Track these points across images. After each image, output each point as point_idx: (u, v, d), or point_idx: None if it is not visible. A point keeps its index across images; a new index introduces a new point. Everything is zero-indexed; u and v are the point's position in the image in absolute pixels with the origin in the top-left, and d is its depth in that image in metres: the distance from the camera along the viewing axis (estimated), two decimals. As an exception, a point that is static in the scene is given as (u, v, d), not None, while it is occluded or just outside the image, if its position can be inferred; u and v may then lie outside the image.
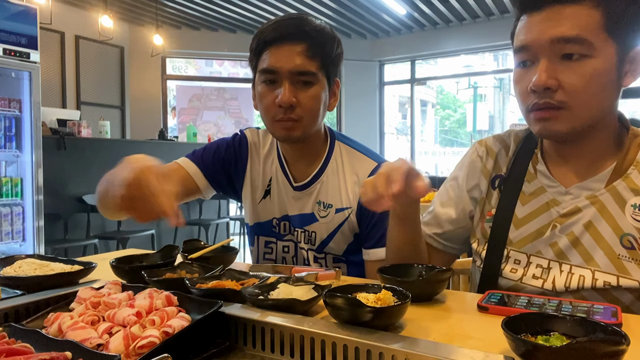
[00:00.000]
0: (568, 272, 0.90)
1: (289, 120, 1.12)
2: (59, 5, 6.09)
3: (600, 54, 0.81)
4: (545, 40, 0.83)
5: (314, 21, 1.14)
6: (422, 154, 9.14)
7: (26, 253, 2.40)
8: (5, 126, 3.79)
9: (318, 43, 1.12)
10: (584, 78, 0.81)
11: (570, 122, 0.84)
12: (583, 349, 0.51)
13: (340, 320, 0.67)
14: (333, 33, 1.18)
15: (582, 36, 0.80)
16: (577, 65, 0.82)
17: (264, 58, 1.13)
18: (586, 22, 0.81)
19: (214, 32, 7.63)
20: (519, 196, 0.98)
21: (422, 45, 7.62)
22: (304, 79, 1.11)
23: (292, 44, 1.10)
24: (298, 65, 1.10)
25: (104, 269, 1.00)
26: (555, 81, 0.82)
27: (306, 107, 1.12)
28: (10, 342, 0.59)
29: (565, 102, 0.83)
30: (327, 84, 1.16)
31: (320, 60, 1.12)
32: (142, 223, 0.82)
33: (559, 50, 0.82)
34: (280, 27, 1.12)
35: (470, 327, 0.74)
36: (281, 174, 1.26)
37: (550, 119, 0.85)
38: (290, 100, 1.09)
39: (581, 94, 0.82)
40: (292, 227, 1.26)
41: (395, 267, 0.92)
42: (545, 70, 0.82)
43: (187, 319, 0.67)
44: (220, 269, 0.93)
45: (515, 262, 0.96)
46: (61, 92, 6.41)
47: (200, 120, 7.86)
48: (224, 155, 1.30)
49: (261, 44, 1.13)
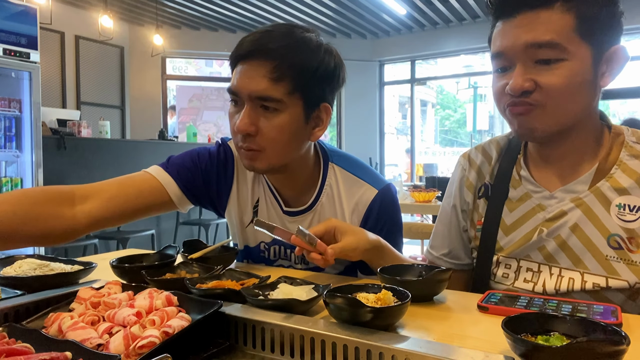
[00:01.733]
0: (558, 275, 0.90)
1: (249, 150, 0.99)
2: (59, 5, 6.10)
3: (575, 57, 0.82)
4: (519, 46, 0.83)
5: (296, 34, 0.98)
6: (422, 154, 9.14)
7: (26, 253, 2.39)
8: (5, 126, 3.79)
9: (290, 63, 0.95)
10: (561, 78, 0.82)
11: (546, 119, 0.85)
12: (583, 349, 0.51)
13: (340, 320, 0.67)
14: (319, 47, 0.99)
15: (555, 40, 0.81)
16: (552, 68, 0.82)
17: (234, 74, 1.00)
18: (559, 26, 0.81)
19: (214, 32, 7.63)
20: (506, 203, 0.99)
21: (422, 45, 7.62)
22: (266, 104, 0.96)
23: (258, 63, 0.95)
24: (259, 90, 0.95)
25: (104, 269, 1.00)
26: (531, 83, 0.83)
27: (268, 137, 0.97)
28: (10, 342, 0.59)
29: (541, 101, 0.83)
30: (303, 111, 0.99)
31: (290, 83, 0.95)
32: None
33: (533, 55, 0.83)
34: (249, 40, 0.97)
35: (470, 327, 0.74)
36: (270, 195, 1.14)
37: (525, 114, 0.85)
38: (247, 128, 0.96)
39: (558, 93, 0.83)
40: (285, 249, 1.16)
41: (395, 267, 0.92)
42: (521, 74, 0.83)
43: (187, 319, 0.67)
44: (220, 269, 0.93)
45: (506, 266, 0.97)
46: (61, 92, 6.41)
47: (200, 120, 7.86)
48: (205, 166, 1.15)
49: (232, 59, 1.01)
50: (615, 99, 6.75)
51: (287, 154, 1.02)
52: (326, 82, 1.01)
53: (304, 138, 1.03)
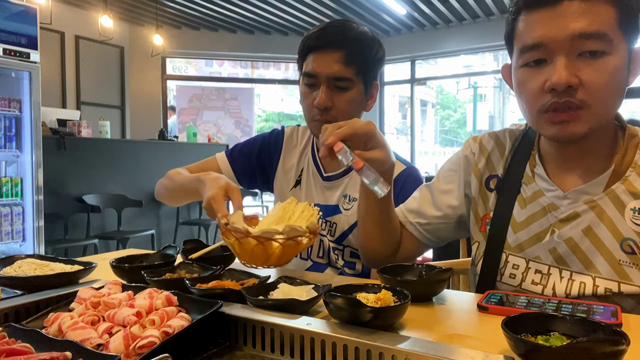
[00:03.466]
0: (568, 278, 0.88)
1: (324, 121, 1.18)
2: (59, 5, 6.10)
3: (617, 52, 0.79)
4: (564, 37, 0.78)
5: (355, 28, 1.23)
6: (422, 154, 9.14)
7: (26, 253, 2.40)
8: (5, 126, 3.78)
9: (356, 50, 1.20)
10: (605, 75, 0.78)
11: (589, 122, 0.81)
12: (583, 349, 0.51)
13: (340, 320, 0.67)
14: (373, 38, 1.25)
15: (602, 31, 0.77)
16: (597, 63, 0.78)
17: (307, 62, 1.23)
18: (604, 17, 0.77)
19: (214, 32, 7.63)
20: (517, 199, 0.96)
21: (422, 45, 7.62)
22: (340, 84, 1.20)
23: (331, 51, 1.19)
24: (335, 72, 1.19)
25: (104, 269, 1.00)
26: (576, 79, 0.78)
27: (341, 109, 1.21)
28: (10, 342, 0.59)
29: (586, 100, 0.79)
30: (364, 88, 1.24)
31: (357, 66, 1.20)
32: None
33: (578, 47, 0.78)
34: (323, 34, 1.22)
35: (470, 327, 0.74)
36: (312, 166, 1.36)
37: (570, 121, 0.81)
38: (326, 103, 1.19)
39: (602, 92, 0.79)
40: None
41: (395, 267, 0.92)
42: (566, 67, 0.78)
43: (187, 319, 0.67)
44: (220, 269, 0.93)
45: (513, 266, 0.94)
46: (61, 92, 6.41)
47: (200, 120, 7.87)
48: (258, 150, 1.41)
49: (305, 49, 1.24)
50: (615, 99, 6.74)
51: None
52: (377, 65, 1.27)
53: (362, 109, 1.29)
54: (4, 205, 3.81)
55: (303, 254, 1.34)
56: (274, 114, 9.66)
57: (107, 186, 4.62)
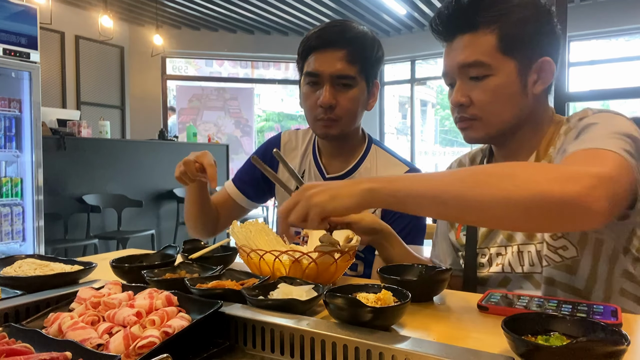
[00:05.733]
0: (517, 252, 0.98)
1: (328, 120, 1.22)
2: (59, 5, 6.10)
3: (500, 72, 0.93)
4: (455, 66, 0.96)
5: (355, 28, 1.24)
6: (422, 154, 9.14)
7: (26, 253, 2.39)
8: (5, 126, 3.78)
9: (358, 49, 1.21)
10: (488, 93, 0.94)
11: (483, 129, 0.97)
12: (583, 349, 0.51)
13: (340, 320, 0.67)
14: (373, 38, 1.27)
15: (479, 60, 0.93)
16: (482, 84, 0.94)
17: (309, 62, 1.23)
18: (483, 47, 0.93)
19: (214, 32, 7.63)
20: None
21: (422, 45, 7.61)
22: (343, 82, 1.21)
23: (334, 50, 1.20)
24: (338, 70, 1.20)
25: (104, 269, 1.00)
26: (466, 98, 0.96)
27: (345, 107, 1.22)
28: (10, 342, 0.59)
29: (476, 114, 0.96)
30: (366, 86, 1.26)
31: (359, 64, 1.22)
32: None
33: (465, 73, 0.95)
34: (324, 34, 1.23)
35: (470, 327, 0.74)
36: (314, 167, 1.36)
37: (468, 128, 0.99)
38: (330, 101, 1.20)
39: (488, 106, 0.95)
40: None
41: (395, 267, 0.92)
42: (458, 90, 0.97)
43: (187, 319, 0.67)
44: (220, 269, 0.93)
45: (481, 256, 1.05)
46: (61, 92, 6.41)
47: (200, 120, 7.86)
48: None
49: (307, 49, 1.24)
50: (615, 99, 6.76)
51: (355, 121, 1.27)
52: (378, 64, 1.29)
53: (364, 108, 1.29)
54: (4, 205, 3.81)
55: None
56: (274, 114, 9.65)
57: (107, 186, 4.62)
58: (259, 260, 0.92)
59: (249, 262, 0.95)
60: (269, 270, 0.91)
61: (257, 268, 0.93)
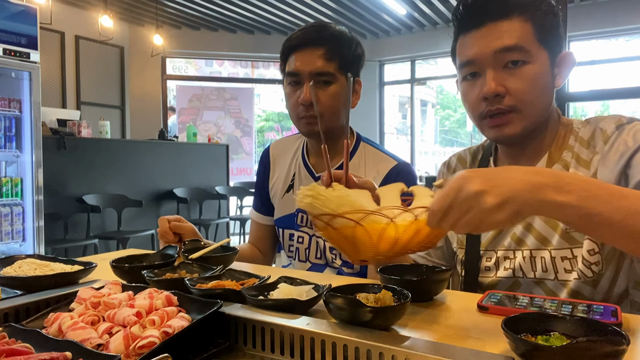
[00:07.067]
0: (529, 256, 0.96)
1: (310, 117, 1.23)
2: (59, 5, 6.10)
3: (537, 60, 0.91)
4: (489, 53, 0.92)
5: (334, 27, 1.27)
6: (422, 154, 9.14)
7: (26, 253, 2.40)
8: (5, 126, 3.78)
9: (336, 47, 1.23)
10: (527, 82, 0.91)
11: (521, 123, 0.93)
12: (583, 349, 0.51)
13: (340, 320, 0.67)
14: (352, 36, 1.29)
15: (520, 44, 0.90)
16: (519, 72, 0.91)
17: (290, 62, 1.26)
18: (521, 32, 0.91)
19: (214, 32, 7.63)
20: None
21: (422, 45, 7.62)
22: (323, 79, 1.23)
23: (313, 49, 1.23)
24: (318, 67, 1.22)
25: (104, 269, 1.00)
26: (502, 87, 0.91)
27: (326, 104, 1.23)
28: (10, 342, 0.59)
29: (515, 105, 0.92)
30: (346, 83, 1.25)
31: (338, 61, 1.23)
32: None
33: (501, 59, 0.91)
34: (303, 34, 1.25)
35: (470, 327, 0.74)
36: (303, 168, 1.37)
37: (504, 125, 0.93)
38: (309, 99, 1.20)
39: (527, 96, 0.91)
40: (308, 219, 1.32)
41: (395, 267, 0.92)
42: (493, 78, 0.91)
43: (187, 319, 0.67)
44: (220, 269, 0.93)
45: (487, 259, 1.03)
46: (61, 92, 6.41)
47: (200, 120, 7.87)
48: (261, 179, 1.47)
49: (287, 50, 1.27)
50: (615, 99, 6.76)
51: (337, 118, 1.27)
52: (357, 61, 1.29)
53: (346, 105, 1.27)
54: (4, 205, 3.81)
55: (302, 256, 1.34)
56: (274, 114, 9.65)
57: (107, 186, 4.62)
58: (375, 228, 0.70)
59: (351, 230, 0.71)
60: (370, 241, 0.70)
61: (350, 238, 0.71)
